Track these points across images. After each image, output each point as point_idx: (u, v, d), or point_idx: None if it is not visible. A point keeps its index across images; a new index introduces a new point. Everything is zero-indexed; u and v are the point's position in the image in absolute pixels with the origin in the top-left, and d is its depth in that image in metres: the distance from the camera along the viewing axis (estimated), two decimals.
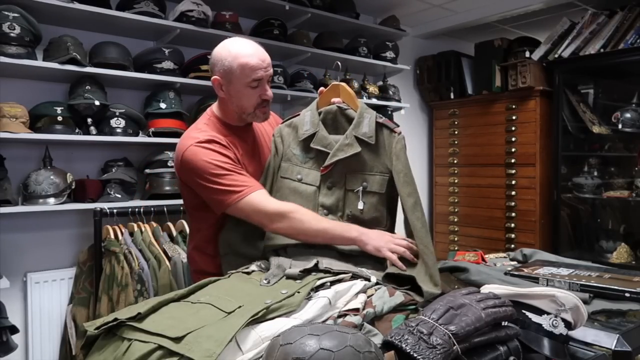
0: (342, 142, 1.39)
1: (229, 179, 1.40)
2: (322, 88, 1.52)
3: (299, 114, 1.51)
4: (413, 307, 1.13)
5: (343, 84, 1.49)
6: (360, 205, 1.38)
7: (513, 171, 3.42)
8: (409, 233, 1.36)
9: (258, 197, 1.39)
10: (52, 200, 2.21)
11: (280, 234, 1.40)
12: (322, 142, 1.41)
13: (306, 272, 1.22)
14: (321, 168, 1.41)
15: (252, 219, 1.42)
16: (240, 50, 1.46)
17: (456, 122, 3.85)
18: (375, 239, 1.33)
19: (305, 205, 1.42)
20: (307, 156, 1.45)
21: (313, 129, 1.43)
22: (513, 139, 3.42)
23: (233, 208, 1.40)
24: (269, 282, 1.17)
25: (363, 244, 1.34)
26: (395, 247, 1.31)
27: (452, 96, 3.87)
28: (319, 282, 1.15)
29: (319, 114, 1.45)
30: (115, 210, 2.27)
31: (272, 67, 1.50)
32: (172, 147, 2.22)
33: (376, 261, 1.34)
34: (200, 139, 1.44)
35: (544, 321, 1.01)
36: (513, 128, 3.42)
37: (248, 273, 1.28)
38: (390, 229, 1.43)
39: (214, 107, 1.59)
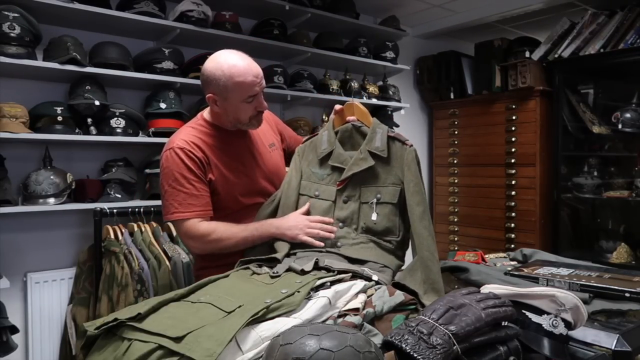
0: (357, 157, 1.45)
1: (179, 196, 1.51)
2: (338, 106, 1.57)
3: (317, 134, 1.59)
4: (413, 307, 1.13)
5: (357, 102, 1.56)
6: (374, 217, 1.42)
7: (513, 171, 3.42)
8: (413, 241, 1.37)
9: (187, 225, 1.51)
10: (52, 200, 2.20)
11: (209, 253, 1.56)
12: (339, 159, 1.48)
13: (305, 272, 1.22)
14: (337, 183, 1.48)
15: (182, 241, 1.58)
16: (233, 69, 1.50)
17: (456, 122, 3.85)
18: (291, 227, 1.45)
19: None
20: (325, 173, 1.52)
21: (330, 147, 1.50)
22: (513, 139, 3.42)
23: (171, 222, 1.58)
24: (277, 273, 1.23)
25: (282, 235, 1.46)
26: (310, 231, 1.42)
27: (452, 96, 3.87)
28: (319, 282, 1.15)
29: (336, 133, 1.52)
30: (115, 210, 2.27)
31: (264, 79, 1.59)
32: None
33: (382, 267, 1.35)
34: (175, 146, 1.54)
35: (544, 321, 1.01)
36: (513, 128, 3.42)
37: (252, 269, 1.30)
38: (404, 237, 1.45)
39: (205, 112, 1.66)
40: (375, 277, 1.21)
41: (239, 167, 1.61)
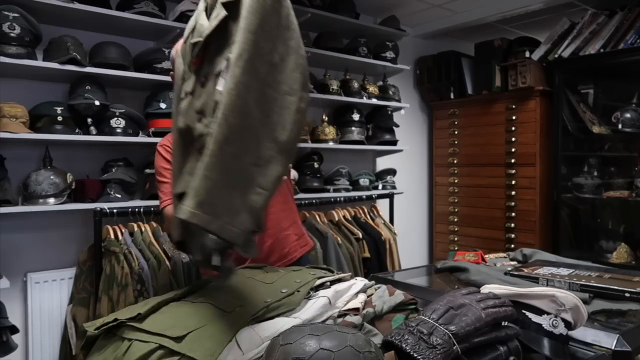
0: (212, 17, 1.01)
1: (164, 186, 1.63)
2: None
3: None
4: (413, 307, 1.13)
5: None
6: (220, 86, 0.94)
7: (513, 171, 3.42)
8: None
9: (170, 209, 1.53)
10: (52, 200, 2.20)
11: None
12: (199, 32, 1.02)
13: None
14: (193, 60, 1.04)
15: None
16: (178, 45, 1.50)
17: (456, 122, 3.85)
18: None
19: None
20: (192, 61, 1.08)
21: (194, 21, 1.07)
22: (513, 139, 3.42)
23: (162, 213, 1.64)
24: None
25: None
26: None
27: (452, 96, 3.87)
28: (318, 282, 1.15)
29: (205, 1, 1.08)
30: (115, 210, 2.27)
31: None
32: None
33: None
34: (158, 145, 1.68)
35: (544, 321, 1.01)
36: (513, 128, 3.42)
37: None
38: None
39: None
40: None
41: None
